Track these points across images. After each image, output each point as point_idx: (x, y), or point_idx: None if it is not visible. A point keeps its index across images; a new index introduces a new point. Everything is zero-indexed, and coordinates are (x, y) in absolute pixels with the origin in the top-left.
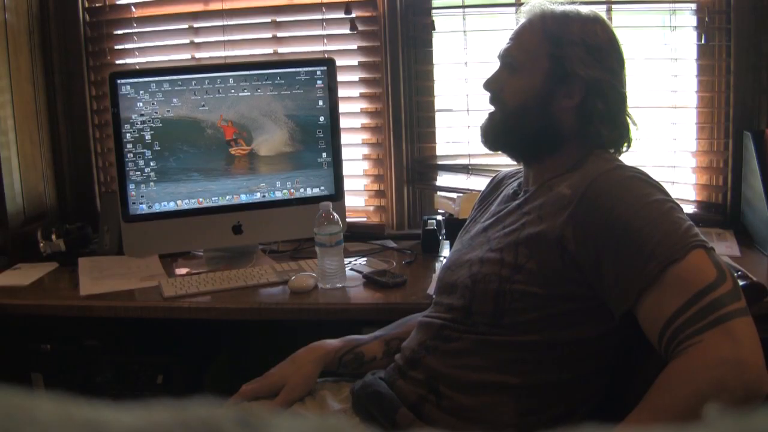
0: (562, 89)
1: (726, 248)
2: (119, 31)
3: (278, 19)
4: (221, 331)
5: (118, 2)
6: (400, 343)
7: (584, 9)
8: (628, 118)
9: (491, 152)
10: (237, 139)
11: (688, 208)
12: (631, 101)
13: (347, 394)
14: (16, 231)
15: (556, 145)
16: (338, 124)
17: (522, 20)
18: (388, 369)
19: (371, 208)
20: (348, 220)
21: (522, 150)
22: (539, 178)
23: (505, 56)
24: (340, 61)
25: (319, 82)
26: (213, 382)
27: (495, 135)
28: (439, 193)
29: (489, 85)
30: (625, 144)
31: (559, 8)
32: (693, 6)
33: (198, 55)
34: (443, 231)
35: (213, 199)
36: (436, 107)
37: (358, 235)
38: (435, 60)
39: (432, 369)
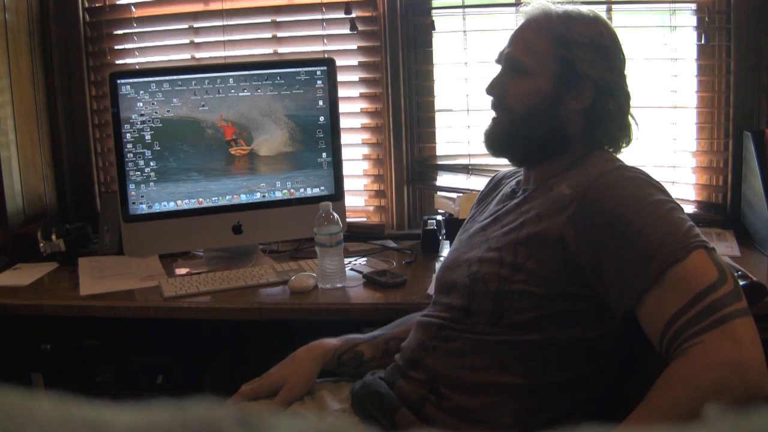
0: (570, 91)
1: (726, 248)
2: (119, 31)
3: (278, 19)
4: (221, 331)
5: (118, 2)
6: (399, 342)
7: (584, 8)
8: (630, 117)
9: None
10: (237, 139)
11: (688, 208)
12: (631, 101)
13: (347, 394)
14: (16, 231)
15: (561, 147)
16: (338, 124)
17: (522, 21)
18: (388, 369)
19: (371, 208)
20: (348, 220)
21: (527, 154)
22: (539, 177)
23: (510, 59)
24: (340, 61)
25: (319, 82)
26: (213, 382)
27: (500, 140)
28: (439, 193)
29: (492, 89)
30: (624, 142)
31: (561, 8)
32: (693, 6)
33: (198, 55)
34: (443, 231)
35: (213, 199)
36: (436, 107)
37: (358, 235)
38: (435, 60)
39: (432, 369)
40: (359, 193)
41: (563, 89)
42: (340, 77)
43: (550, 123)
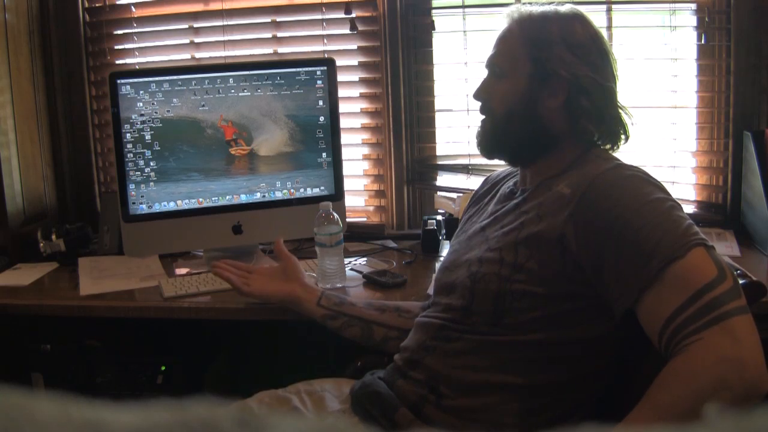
0: (545, 90)
1: (726, 248)
2: (119, 31)
3: (278, 19)
4: (221, 331)
5: (118, 2)
6: (381, 313)
7: (563, 8)
8: (621, 112)
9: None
10: (237, 139)
11: (688, 208)
12: (631, 101)
13: (347, 395)
14: (16, 231)
15: (550, 146)
16: (338, 124)
17: (503, 25)
18: (388, 369)
19: (371, 208)
20: (348, 220)
21: (516, 154)
22: (536, 177)
23: (491, 63)
24: (340, 61)
25: (319, 82)
26: (213, 382)
27: (488, 142)
28: (439, 193)
29: (478, 94)
30: (622, 138)
31: (538, 9)
32: (693, 6)
33: (198, 55)
34: (443, 231)
35: (213, 199)
36: (436, 107)
37: (358, 235)
38: (435, 60)
39: (432, 369)
40: (359, 193)
41: (538, 88)
42: (340, 77)
43: (532, 122)
